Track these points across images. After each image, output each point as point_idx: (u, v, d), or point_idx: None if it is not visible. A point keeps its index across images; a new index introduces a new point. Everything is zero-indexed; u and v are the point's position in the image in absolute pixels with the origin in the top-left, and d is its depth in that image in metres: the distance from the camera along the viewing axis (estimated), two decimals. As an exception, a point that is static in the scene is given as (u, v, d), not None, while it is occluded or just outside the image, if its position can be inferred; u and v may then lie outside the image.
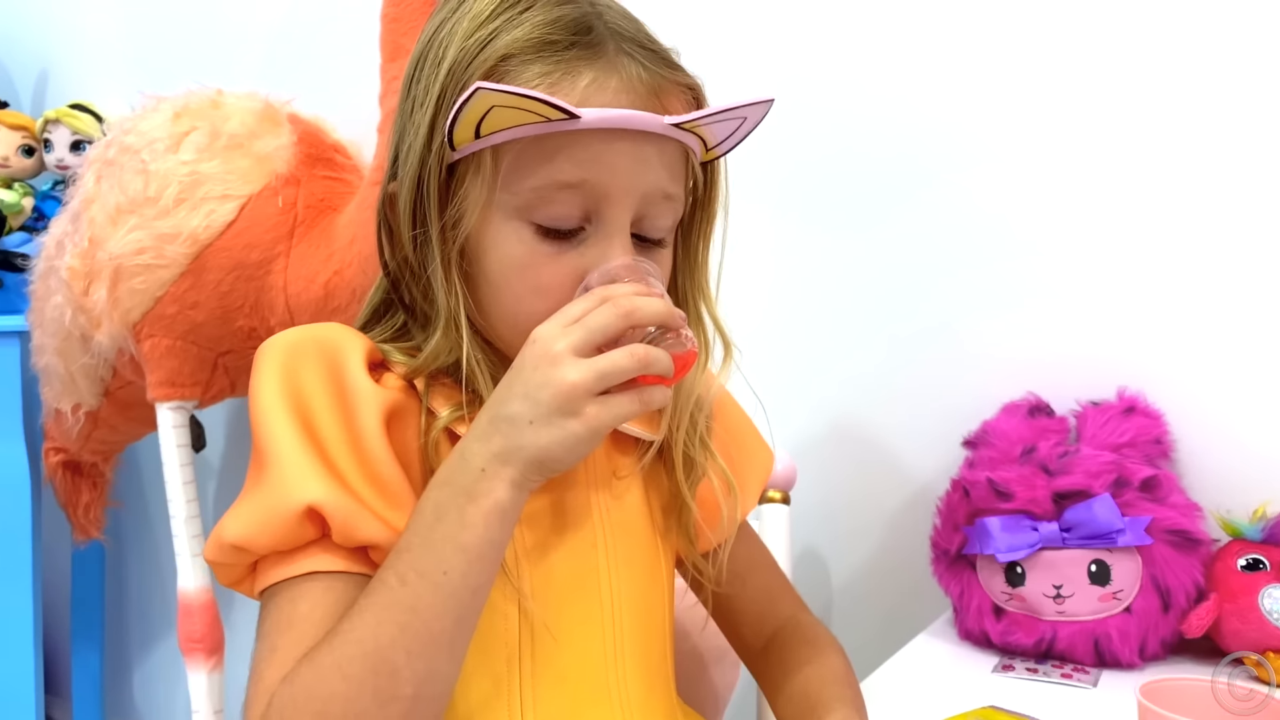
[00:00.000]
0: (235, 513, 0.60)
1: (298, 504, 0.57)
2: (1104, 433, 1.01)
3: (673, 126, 0.63)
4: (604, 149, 0.62)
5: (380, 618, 0.56)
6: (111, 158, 1.29)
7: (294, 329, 0.66)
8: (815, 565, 1.25)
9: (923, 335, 1.17)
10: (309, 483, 0.58)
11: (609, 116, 0.61)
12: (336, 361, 0.63)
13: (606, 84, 0.62)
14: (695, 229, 0.72)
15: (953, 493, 1.01)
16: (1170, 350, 1.04)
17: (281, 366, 0.62)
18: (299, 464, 0.58)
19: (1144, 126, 1.04)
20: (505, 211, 0.63)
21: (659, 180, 0.64)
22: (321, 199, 1.27)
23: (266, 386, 0.61)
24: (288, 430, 0.59)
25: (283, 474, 0.58)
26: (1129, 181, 1.05)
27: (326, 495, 0.58)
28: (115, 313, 1.27)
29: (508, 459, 0.58)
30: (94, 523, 1.63)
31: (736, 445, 0.79)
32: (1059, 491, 0.94)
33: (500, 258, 0.64)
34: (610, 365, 0.57)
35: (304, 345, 0.64)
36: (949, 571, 1.01)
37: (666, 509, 0.74)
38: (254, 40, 1.70)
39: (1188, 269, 1.03)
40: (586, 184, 0.62)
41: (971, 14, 1.12)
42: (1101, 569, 0.92)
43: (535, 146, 0.62)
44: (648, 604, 0.72)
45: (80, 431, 1.46)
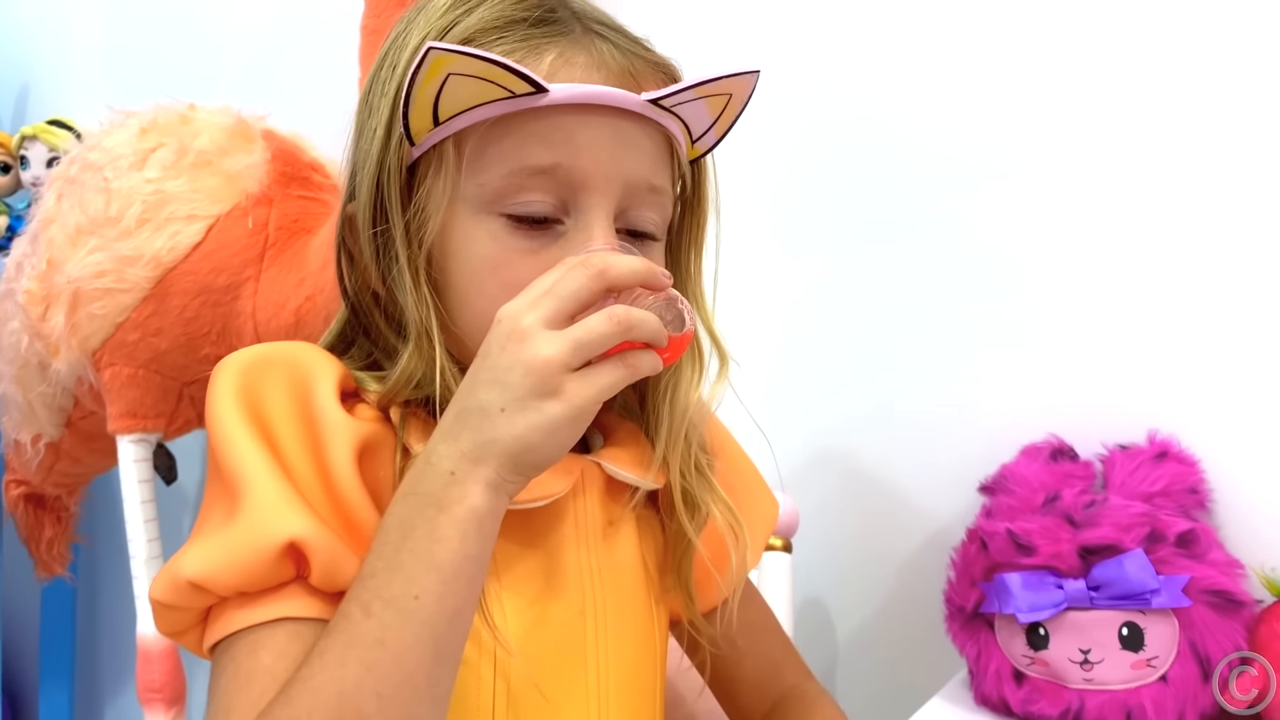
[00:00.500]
0: (197, 546, 0.52)
1: (278, 538, 0.50)
2: (1134, 480, 0.93)
3: (651, 105, 0.57)
4: (577, 128, 0.56)
5: (343, 658, 0.48)
6: (73, 175, 1.23)
7: (258, 345, 0.59)
8: (818, 618, 1.17)
9: (935, 369, 1.10)
10: (290, 515, 0.51)
11: (580, 91, 0.56)
12: (305, 385, 0.56)
13: (574, 60, 0.57)
14: (684, 234, 0.66)
15: (969, 544, 0.94)
16: (1205, 389, 0.96)
17: (241, 385, 0.55)
18: (278, 493, 0.52)
19: (1171, 150, 0.97)
20: (472, 206, 0.58)
21: (642, 168, 0.58)
22: (295, 220, 1.20)
23: (227, 406, 0.54)
24: (257, 451, 0.53)
25: (260, 503, 0.51)
26: (1161, 206, 0.98)
27: (310, 530, 0.51)
28: (74, 339, 1.20)
29: (480, 457, 0.50)
30: (57, 559, 1.56)
31: (743, 490, 0.72)
32: (1086, 546, 0.86)
33: (470, 258, 0.58)
34: (587, 333, 0.50)
35: (268, 363, 0.57)
36: (965, 630, 0.93)
37: (664, 565, 0.67)
38: (235, 55, 1.67)
39: (1224, 301, 0.95)
40: (560, 168, 0.56)
41: (995, 29, 1.06)
42: (1134, 632, 0.85)
43: (500, 131, 0.56)
44: (638, 675, 0.65)
45: (41, 463, 1.39)
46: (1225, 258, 0.95)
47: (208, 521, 0.54)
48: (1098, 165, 1.01)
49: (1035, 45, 1.04)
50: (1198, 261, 0.96)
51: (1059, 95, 1.03)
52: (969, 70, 1.08)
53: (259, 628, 0.51)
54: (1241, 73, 0.94)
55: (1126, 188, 1.00)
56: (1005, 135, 1.06)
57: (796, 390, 1.18)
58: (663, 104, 0.58)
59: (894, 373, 1.13)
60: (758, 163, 1.18)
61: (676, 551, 0.66)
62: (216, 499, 0.54)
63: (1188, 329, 0.97)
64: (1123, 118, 1.00)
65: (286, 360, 0.58)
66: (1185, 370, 0.97)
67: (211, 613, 0.53)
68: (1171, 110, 0.97)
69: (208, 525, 0.53)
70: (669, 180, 0.62)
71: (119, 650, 1.87)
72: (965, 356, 1.08)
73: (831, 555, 1.15)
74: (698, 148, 0.64)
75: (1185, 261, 0.97)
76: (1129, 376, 1.00)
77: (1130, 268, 0.99)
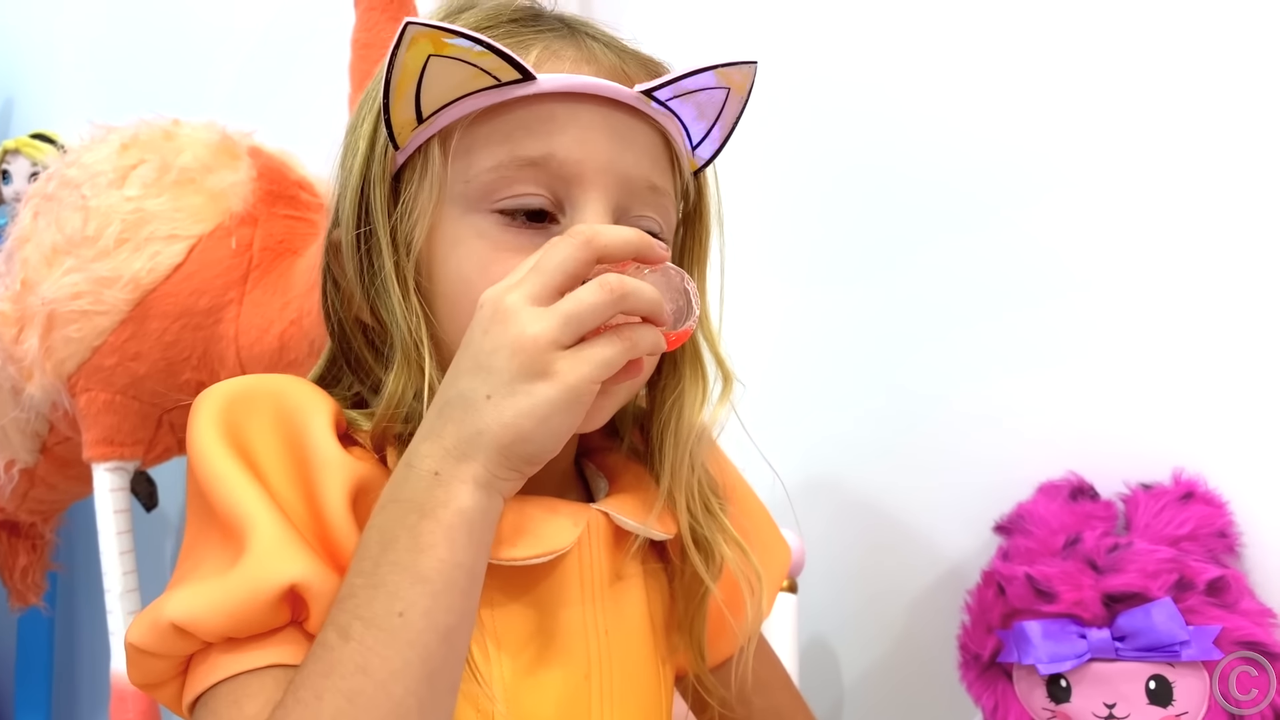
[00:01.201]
0: (182, 589, 0.47)
1: (279, 581, 0.46)
2: (1159, 523, 0.89)
3: (645, 97, 0.54)
4: (569, 119, 0.53)
5: (319, 689, 0.43)
6: (51, 192, 1.18)
7: (243, 377, 0.56)
8: (823, 660, 1.13)
9: (948, 400, 1.06)
10: (292, 555, 0.47)
11: (570, 80, 0.53)
12: (295, 421, 0.52)
13: (562, 53, 0.55)
14: (687, 250, 0.63)
15: (985, 588, 0.90)
16: (1233, 425, 0.92)
17: (225, 420, 0.51)
18: (278, 531, 0.47)
19: (1193, 182, 0.94)
20: (460, 206, 0.54)
21: (641, 165, 0.55)
22: (280, 240, 1.16)
23: (212, 441, 0.50)
24: (254, 492, 0.49)
25: (257, 542, 0.47)
26: (1187, 234, 0.94)
27: (312, 572, 0.47)
28: (48, 363, 1.15)
29: (466, 452, 0.46)
30: (32, 588, 1.50)
31: (755, 536, 0.66)
32: (1110, 593, 0.83)
33: (459, 259, 0.54)
34: (576, 305, 0.46)
35: (254, 396, 0.53)
36: (980, 680, 0.90)
37: (671, 620, 0.63)
38: (223, 70, 1.64)
39: (1253, 333, 0.91)
40: (553, 160, 0.53)
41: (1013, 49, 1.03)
42: (1162, 686, 0.81)
43: (487, 123, 0.53)
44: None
45: (15, 490, 1.33)
46: (1254, 288, 0.91)
47: (198, 564, 0.49)
48: (1119, 194, 0.97)
49: (1049, 73, 1.01)
50: (1225, 290, 0.92)
51: (1076, 121, 0.99)
52: (983, 93, 1.05)
53: (244, 676, 0.46)
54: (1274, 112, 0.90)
55: (1148, 216, 0.96)
56: (1022, 160, 1.02)
57: (801, 420, 1.13)
58: (657, 97, 0.55)
59: (904, 403, 1.09)
60: (762, 182, 1.14)
61: (690, 603, 0.61)
62: (204, 538, 0.50)
63: (1214, 361, 0.93)
64: (1142, 148, 0.96)
65: (273, 393, 0.53)
66: (1212, 405, 0.93)
67: (193, 661, 0.48)
68: (1193, 140, 0.94)
69: (199, 568, 0.49)
70: (670, 182, 0.58)
71: (97, 683, 1.82)
72: (978, 387, 1.04)
73: (838, 595, 1.11)
74: (698, 158, 0.61)
75: (1212, 289, 0.93)
76: (1152, 411, 0.96)
77: (1154, 293, 0.96)
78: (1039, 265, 1.01)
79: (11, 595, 1.52)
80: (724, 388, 0.62)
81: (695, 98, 0.57)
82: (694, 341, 0.61)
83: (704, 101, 0.57)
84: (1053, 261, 1.00)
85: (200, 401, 0.53)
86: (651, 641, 0.61)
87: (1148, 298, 0.96)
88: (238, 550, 0.47)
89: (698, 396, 0.61)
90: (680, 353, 0.61)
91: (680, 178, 0.60)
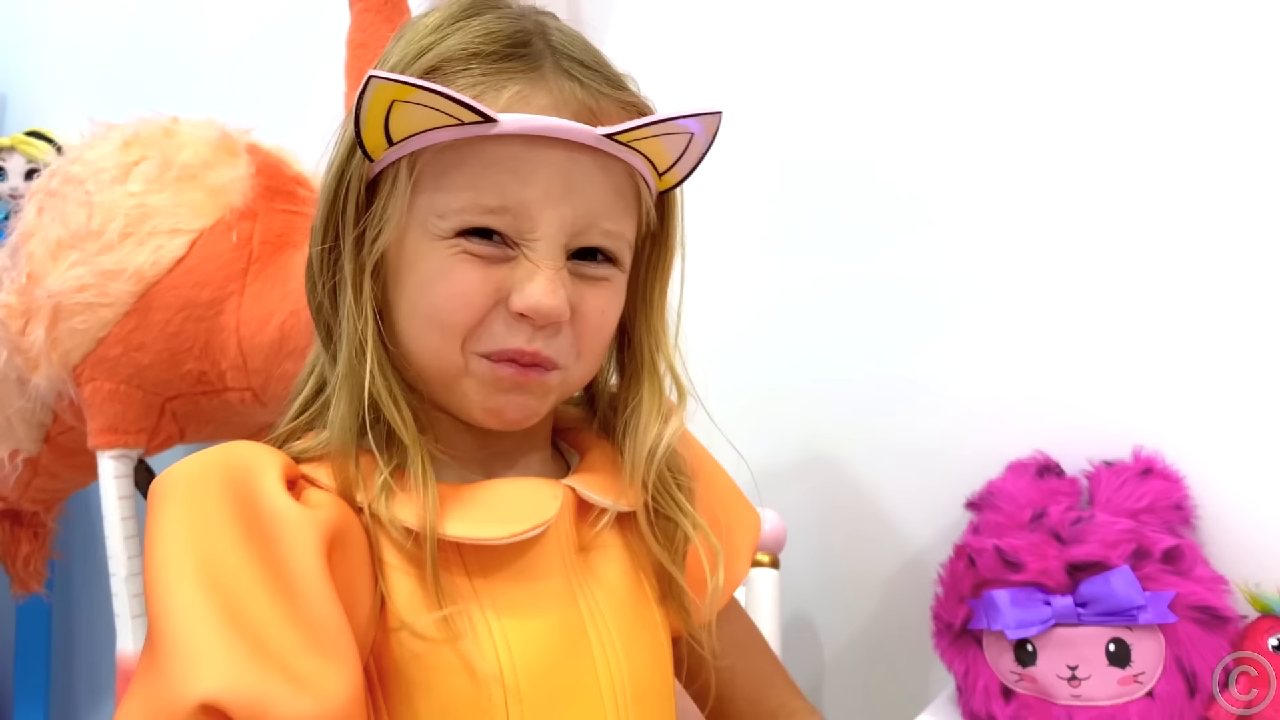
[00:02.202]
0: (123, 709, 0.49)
1: (189, 699, 0.46)
2: (1119, 497, 0.94)
3: (607, 139, 0.57)
4: (526, 161, 0.56)
5: None
6: (55, 188, 1.21)
7: (192, 456, 0.55)
8: (805, 633, 1.17)
9: (922, 386, 1.10)
10: (207, 668, 0.47)
11: (530, 123, 0.55)
12: (247, 489, 0.53)
13: (533, 98, 0.57)
14: (650, 268, 0.66)
15: (956, 560, 0.94)
16: (1189, 406, 0.97)
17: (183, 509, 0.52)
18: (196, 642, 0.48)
19: (1159, 167, 0.98)
20: (426, 228, 0.57)
21: (595, 208, 0.58)
22: (279, 234, 1.19)
23: (163, 539, 0.51)
24: (187, 595, 0.49)
25: (173, 659, 0.48)
26: (1146, 222, 0.99)
27: (229, 681, 0.47)
28: (54, 354, 1.18)
29: None
30: (34, 576, 1.53)
31: (721, 507, 0.71)
32: (1073, 562, 0.87)
33: (424, 269, 0.58)
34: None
35: (206, 475, 0.53)
36: (952, 647, 0.94)
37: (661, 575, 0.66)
38: (218, 67, 1.65)
39: (1208, 320, 0.96)
40: (507, 198, 0.56)
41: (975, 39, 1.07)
42: (1121, 649, 0.85)
43: (454, 158, 0.56)
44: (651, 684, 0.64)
45: (19, 479, 1.36)
46: (1207, 277, 0.96)
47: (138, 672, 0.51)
48: (1083, 188, 1.02)
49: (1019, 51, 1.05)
50: (1181, 280, 0.97)
51: (1045, 112, 1.04)
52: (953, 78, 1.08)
53: None
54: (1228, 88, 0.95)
55: (1110, 212, 1.00)
56: (992, 153, 1.07)
57: (783, 407, 1.17)
58: (620, 139, 0.58)
59: (881, 390, 1.13)
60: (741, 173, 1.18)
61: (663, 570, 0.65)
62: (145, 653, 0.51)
63: (1171, 347, 0.98)
64: (1104, 137, 1.00)
65: (223, 466, 0.54)
66: (1169, 387, 0.98)
67: None
68: (1151, 129, 0.98)
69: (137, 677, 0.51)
70: (629, 217, 0.61)
71: (95, 669, 1.85)
72: (952, 373, 1.09)
73: (818, 571, 1.15)
74: (667, 179, 0.63)
75: (1169, 280, 0.98)
76: (1114, 394, 1.00)
77: (1115, 287, 1.00)
78: (1008, 260, 1.05)
79: (14, 583, 1.55)
80: (679, 403, 0.66)
81: (662, 139, 0.59)
82: (652, 356, 0.65)
83: (670, 140, 0.60)
84: (1020, 257, 1.05)
85: (155, 493, 0.53)
86: (642, 594, 0.64)
87: (1110, 290, 1.00)
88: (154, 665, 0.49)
89: (654, 409, 0.64)
90: (639, 366, 0.65)
91: (642, 206, 0.62)
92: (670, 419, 0.65)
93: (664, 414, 0.64)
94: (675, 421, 0.65)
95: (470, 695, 0.55)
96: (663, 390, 0.65)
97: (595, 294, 0.60)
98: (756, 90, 1.19)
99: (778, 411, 1.17)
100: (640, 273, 0.66)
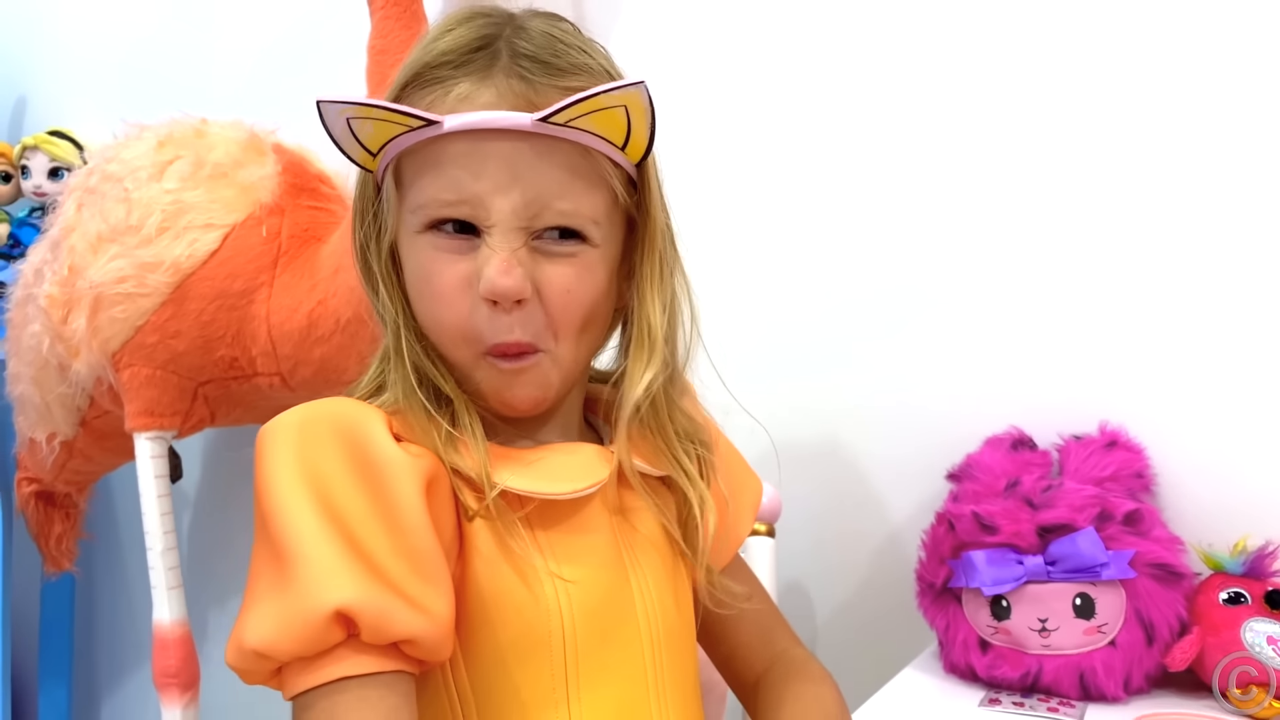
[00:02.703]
0: (254, 616, 0.56)
1: (325, 607, 0.54)
2: (1086, 466, 1.01)
3: (542, 122, 0.61)
4: (471, 154, 0.62)
5: None
6: (93, 186, 1.28)
7: (297, 409, 0.61)
8: (799, 599, 1.24)
9: (905, 368, 1.18)
10: (337, 581, 0.54)
11: (469, 120, 0.61)
12: (356, 435, 0.59)
13: (477, 98, 0.62)
14: (636, 243, 0.70)
15: (938, 526, 1.02)
16: (1150, 385, 1.05)
17: (295, 448, 0.58)
18: (325, 560, 0.55)
19: (1122, 160, 1.06)
20: (409, 224, 0.65)
21: (546, 188, 0.62)
22: (306, 229, 1.26)
23: (280, 472, 0.57)
24: (310, 519, 0.56)
25: (307, 573, 0.54)
26: (1110, 218, 1.07)
27: (356, 594, 0.54)
28: (94, 341, 1.25)
29: None
30: (66, 554, 1.60)
31: (726, 473, 0.78)
32: (1043, 525, 0.94)
33: (414, 267, 0.66)
34: None
35: (316, 422, 0.60)
36: (934, 605, 1.01)
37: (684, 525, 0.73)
38: (237, 68, 1.69)
39: (1168, 306, 1.04)
40: (459, 188, 0.62)
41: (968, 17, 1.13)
42: (1086, 602, 0.93)
43: (418, 159, 0.63)
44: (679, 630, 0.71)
45: (55, 461, 1.43)
46: (1167, 268, 1.04)
47: (263, 591, 0.57)
48: (1050, 178, 1.09)
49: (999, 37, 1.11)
50: (1143, 267, 1.05)
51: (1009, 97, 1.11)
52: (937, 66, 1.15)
53: (327, 688, 0.55)
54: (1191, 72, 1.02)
55: (1074, 212, 1.08)
56: (963, 145, 1.14)
57: (775, 388, 1.23)
58: (554, 120, 0.61)
59: (866, 372, 1.20)
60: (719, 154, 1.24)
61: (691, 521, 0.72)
62: (264, 563, 0.57)
63: (1135, 331, 1.06)
64: (1068, 128, 1.08)
65: (331, 415, 0.60)
66: (1133, 367, 1.06)
67: (283, 670, 0.57)
68: (1112, 117, 1.05)
69: (262, 594, 0.57)
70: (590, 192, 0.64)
71: (116, 645, 1.90)
72: (933, 356, 1.16)
73: (811, 540, 1.22)
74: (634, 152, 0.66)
75: (1132, 267, 1.06)
76: (1082, 373, 1.08)
77: (1082, 273, 1.08)
78: (987, 255, 1.13)
79: (47, 561, 1.61)
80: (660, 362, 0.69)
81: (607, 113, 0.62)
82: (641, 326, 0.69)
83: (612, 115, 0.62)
84: (999, 254, 1.12)
85: (268, 434, 0.59)
86: (669, 547, 0.72)
87: (1078, 279, 1.08)
88: (286, 578, 0.55)
89: (638, 373, 0.69)
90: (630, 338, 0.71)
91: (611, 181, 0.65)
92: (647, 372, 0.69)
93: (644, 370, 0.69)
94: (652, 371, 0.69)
95: (531, 628, 0.63)
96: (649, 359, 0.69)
97: (558, 270, 0.64)
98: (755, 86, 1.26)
99: (774, 393, 1.23)
100: (631, 249, 0.69)
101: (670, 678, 0.69)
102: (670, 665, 0.69)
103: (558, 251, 0.64)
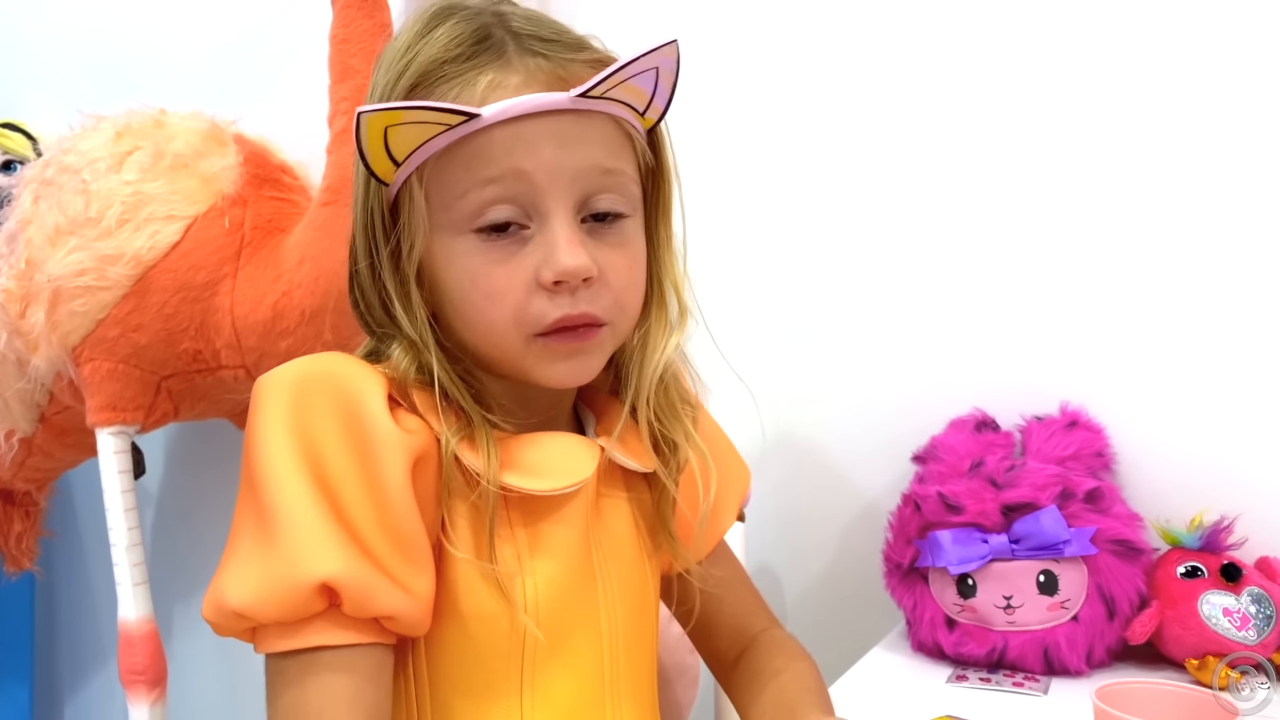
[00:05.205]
0: (236, 575, 0.56)
1: (311, 578, 0.54)
2: (1048, 446, 1.04)
3: (581, 98, 0.62)
4: (515, 140, 0.61)
5: None
6: (50, 178, 1.26)
7: (298, 361, 0.61)
8: (769, 581, 1.26)
9: (871, 352, 1.20)
10: (325, 553, 0.55)
11: (509, 106, 0.61)
12: (353, 401, 0.59)
13: (507, 82, 0.62)
14: (653, 205, 0.71)
15: (904, 507, 1.03)
16: (1109, 367, 1.08)
17: (290, 407, 0.58)
18: (314, 531, 0.55)
19: (1079, 145, 1.08)
20: (448, 231, 0.63)
21: (589, 156, 0.63)
22: (269, 220, 1.25)
23: (273, 431, 0.57)
24: (301, 486, 0.56)
25: (295, 541, 0.55)
26: (1068, 207, 1.09)
27: (342, 568, 0.55)
28: (54, 335, 1.23)
29: None
30: (26, 553, 1.58)
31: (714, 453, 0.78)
32: (1007, 504, 0.96)
33: (456, 274, 0.64)
34: None
35: (314, 381, 0.59)
36: (902, 585, 1.02)
37: (653, 524, 0.74)
38: (194, 59, 1.67)
39: (1126, 290, 1.07)
40: (509, 175, 0.61)
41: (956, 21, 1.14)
42: (1049, 579, 0.94)
43: (450, 159, 0.62)
44: (639, 629, 0.72)
45: (14, 459, 1.41)
46: (1125, 249, 1.06)
47: (241, 543, 0.57)
48: (1012, 170, 1.11)
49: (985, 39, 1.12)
50: (1102, 253, 1.07)
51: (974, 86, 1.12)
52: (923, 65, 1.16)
53: (302, 654, 0.56)
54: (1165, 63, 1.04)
55: (1037, 190, 1.10)
56: (927, 133, 1.15)
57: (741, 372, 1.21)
58: (592, 94, 0.62)
59: (833, 356, 1.21)
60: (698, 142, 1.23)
61: (664, 505, 0.73)
62: (250, 521, 0.57)
63: (1095, 314, 1.08)
64: (1034, 116, 1.09)
65: (330, 375, 0.59)
66: (1092, 349, 1.08)
67: (258, 630, 0.58)
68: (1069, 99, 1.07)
69: (242, 548, 0.57)
70: (626, 159, 0.65)
71: (78, 644, 1.88)
72: (897, 340, 1.18)
73: (780, 522, 1.23)
74: (649, 118, 0.67)
75: (1091, 253, 1.08)
76: (1043, 355, 1.11)
77: (1042, 257, 1.10)
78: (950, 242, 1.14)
79: (6, 560, 1.59)
80: (680, 319, 0.71)
81: (632, 81, 0.63)
82: (660, 284, 0.70)
83: (641, 80, 0.64)
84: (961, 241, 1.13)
85: (264, 387, 0.58)
86: (638, 546, 0.73)
87: (1039, 265, 1.10)
88: (273, 541, 0.55)
89: (662, 331, 0.70)
90: (649, 297, 0.70)
91: (637, 146, 0.68)
92: (673, 333, 0.70)
93: (668, 330, 0.70)
94: (677, 335, 0.71)
95: (495, 618, 0.63)
96: (669, 316, 0.71)
97: (616, 253, 0.65)
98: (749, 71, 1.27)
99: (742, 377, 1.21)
100: (647, 211, 0.70)
101: (626, 679, 0.70)
102: (627, 666, 0.70)
103: (606, 231, 0.65)
